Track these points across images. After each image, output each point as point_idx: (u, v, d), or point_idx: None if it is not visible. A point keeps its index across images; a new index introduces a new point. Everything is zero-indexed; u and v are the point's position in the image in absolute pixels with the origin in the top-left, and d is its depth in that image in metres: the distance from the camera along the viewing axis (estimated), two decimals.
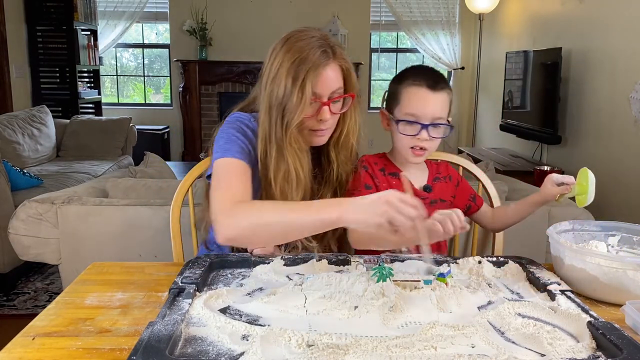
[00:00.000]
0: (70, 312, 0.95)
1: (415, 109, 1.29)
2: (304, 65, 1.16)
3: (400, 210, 0.91)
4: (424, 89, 1.28)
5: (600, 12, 3.45)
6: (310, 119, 1.21)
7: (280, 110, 1.18)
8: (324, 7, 5.74)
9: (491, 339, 0.84)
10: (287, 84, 1.16)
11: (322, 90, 1.19)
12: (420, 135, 1.29)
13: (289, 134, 1.19)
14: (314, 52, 1.17)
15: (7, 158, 3.37)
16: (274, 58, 1.20)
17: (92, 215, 1.83)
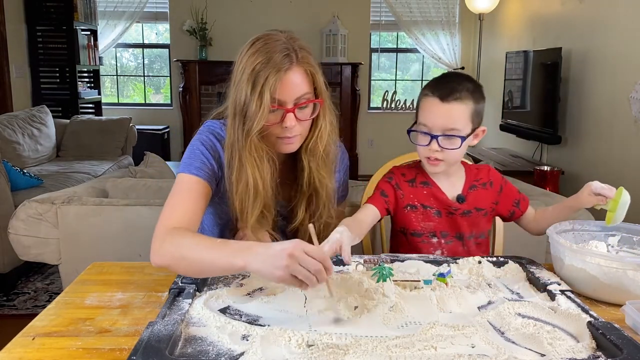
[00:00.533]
0: (70, 312, 0.95)
1: (427, 120, 1.29)
2: (264, 71, 1.12)
3: (303, 264, 0.87)
4: (436, 99, 1.28)
5: (600, 12, 3.45)
6: (274, 126, 1.17)
7: (242, 117, 1.15)
8: (324, 7, 5.73)
9: (491, 339, 0.84)
10: (247, 90, 1.13)
11: (284, 97, 1.14)
12: (431, 146, 1.29)
13: (249, 142, 1.16)
14: (277, 56, 1.13)
15: (7, 158, 3.37)
16: (239, 63, 1.17)
17: (92, 215, 1.83)
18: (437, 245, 1.37)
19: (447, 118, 1.27)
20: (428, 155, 1.31)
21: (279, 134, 1.18)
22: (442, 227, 1.35)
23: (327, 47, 5.63)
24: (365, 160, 5.90)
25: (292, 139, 1.20)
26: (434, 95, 1.28)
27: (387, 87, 6.17)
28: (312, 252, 0.88)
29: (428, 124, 1.29)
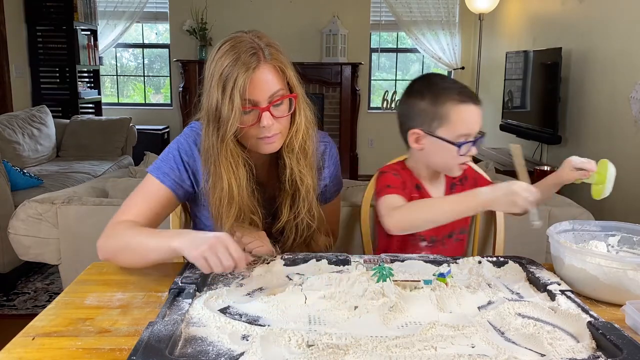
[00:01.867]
0: (70, 312, 0.95)
1: (470, 129, 1.28)
2: (232, 73, 1.11)
3: (218, 254, 0.98)
4: (472, 105, 1.27)
5: (600, 12, 3.45)
6: (253, 127, 1.16)
7: (216, 122, 1.14)
8: (324, 7, 5.73)
9: (491, 339, 0.84)
10: (217, 95, 1.12)
11: (257, 96, 1.13)
12: (472, 152, 1.30)
13: (224, 147, 1.15)
14: (244, 56, 1.11)
15: (7, 158, 3.37)
16: (208, 69, 1.16)
17: (92, 215, 1.83)
18: (425, 249, 1.39)
19: (481, 122, 1.29)
20: (464, 161, 1.32)
21: (258, 134, 1.17)
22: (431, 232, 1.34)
23: (327, 47, 5.63)
24: (365, 160, 5.90)
25: (272, 138, 1.18)
26: (469, 102, 1.27)
27: (387, 87, 6.17)
28: (232, 250, 0.99)
29: (471, 132, 1.28)
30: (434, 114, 1.28)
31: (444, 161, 1.33)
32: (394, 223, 1.22)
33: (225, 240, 1.00)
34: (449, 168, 1.35)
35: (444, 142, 1.28)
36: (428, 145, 1.32)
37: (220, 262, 0.99)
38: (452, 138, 1.27)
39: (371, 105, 6.11)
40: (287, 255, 1.19)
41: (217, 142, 1.15)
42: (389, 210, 1.24)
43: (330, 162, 1.38)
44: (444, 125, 1.28)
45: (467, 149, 1.29)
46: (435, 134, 1.29)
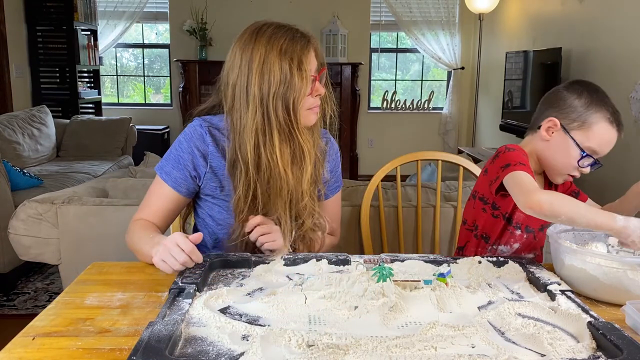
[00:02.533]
0: (70, 312, 0.95)
1: (602, 149, 1.30)
2: (294, 48, 1.19)
3: (172, 254, 1.05)
4: (617, 133, 1.31)
5: (600, 12, 3.45)
6: (308, 97, 1.23)
7: (280, 95, 1.18)
8: (324, 7, 5.73)
9: (491, 339, 0.84)
10: (283, 68, 1.17)
11: (312, 66, 1.22)
12: (585, 170, 1.31)
13: (297, 116, 1.21)
14: (293, 36, 1.21)
15: (7, 158, 3.37)
16: (252, 53, 1.20)
17: (92, 215, 1.83)
18: (519, 238, 1.40)
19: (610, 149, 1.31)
20: (574, 174, 1.34)
21: (311, 105, 1.24)
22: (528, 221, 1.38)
23: (327, 47, 5.62)
24: (365, 160, 5.90)
25: (318, 109, 1.27)
26: (615, 127, 1.30)
27: (387, 87, 6.17)
28: (182, 245, 1.05)
29: (600, 153, 1.30)
30: (579, 115, 1.30)
31: (560, 162, 1.34)
32: (537, 201, 1.14)
33: (175, 238, 1.06)
34: (557, 171, 1.35)
35: (574, 144, 1.30)
36: (555, 139, 1.33)
37: (175, 260, 1.05)
38: (581, 146, 1.30)
39: (371, 105, 6.11)
40: (287, 255, 1.19)
41: (284, 114, 1.19)
42: (530, 187, 1.20)
43: (331, 157, 1.40)
44: (582, 130, 1.30)
45: (585, 162, 1.31)
46: (569, 132, 1.31)
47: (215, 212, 1.33)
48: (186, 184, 1.28)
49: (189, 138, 1.28)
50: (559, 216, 1.12)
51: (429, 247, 1.93)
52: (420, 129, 6.02)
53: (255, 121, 1.20)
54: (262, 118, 1.20)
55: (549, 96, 1.38)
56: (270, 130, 1.20)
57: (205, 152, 1.27)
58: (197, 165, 1.27)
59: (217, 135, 1.28)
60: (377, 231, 1.88)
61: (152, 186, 1.31)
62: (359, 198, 1.92)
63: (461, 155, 1.88)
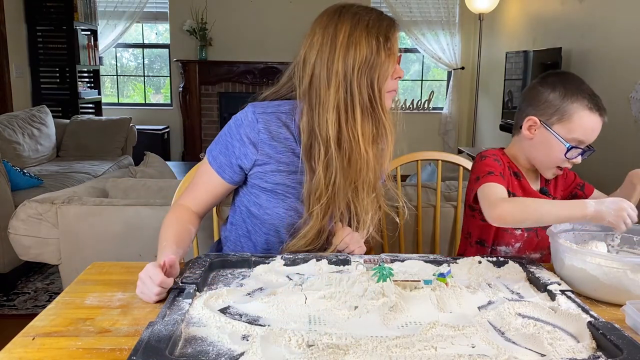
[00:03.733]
0: (70, 312, 0.95)
1: (586, 137, 1.28)
2: (381, 25, 1.16)
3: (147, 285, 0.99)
4: (599, 117, 1.28)
5: (600, 12, 3.45)
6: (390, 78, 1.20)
7: (365, 72, 1.15)
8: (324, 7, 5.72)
9: (491, 339, 0.84)
10: (370, 44, 1.14)
11: (397, 49, 1.20)
12: (576, 160, 1.30)
13: (382, 94, 1.18)
14: (379, 14, 1.19)
15: (7, 158, 3.37)
16: (336, 28, 1.16)
17: (92, 215, 1.83)
18: (519, 237, 1.39)
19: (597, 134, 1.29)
20: (565, 166, 1.32)
21: (391, 87, 1.21)
22: None
23: None
24: None
25: (395, 93, 1.24)
26: (596, 112, 1.27)
27: None
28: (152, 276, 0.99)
29: (585, 141, 1.29)
30: (557, 109, 1.29)
31: (546, 157, 1.33)
32: (499, 214, 1.17)
33: (147, 271, 1.01)
34: (546, 166, 1.35)
35: (556, 138, 1.29)
36: (538, 136, 1.33)
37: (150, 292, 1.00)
38: (565, 139, 1.29)
39: None
40: (287, 255, 1.19)
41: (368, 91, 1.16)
42: (493, 199, 1.22)
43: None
44: (563, 123, 1.29)
45: (574, 154, 1.29)
46: (551, 128, 1.30)
47: (262, 200, 1.27)
48: (230, 170, 1.25)
49: (239, 124, 1.24)
50: (524, 222, 1.15)
51: (429, 247, 1.93)
52: (420, 129, 6.02)
53: (337, 98, 1.16)
54: (344, 94, 1.16)
55: (526, 94, 1.38)
56: (352, 107, 1.16)
57: (256, 140, 1.22)
58: (245, 153, 1.23)
59: (272, 122, 1.23)
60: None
61: (201, 166, 1.31)
62: None
63: (461, 155, 1.88)
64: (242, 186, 1.32)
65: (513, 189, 1.36)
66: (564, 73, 1.38)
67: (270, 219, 1.27)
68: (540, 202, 1.19)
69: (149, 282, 0.99)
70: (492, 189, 1.25)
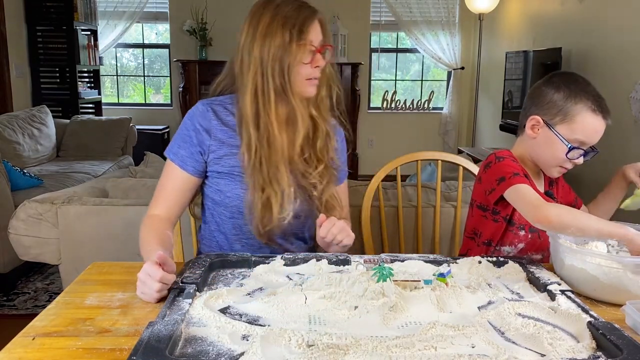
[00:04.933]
0: (70, 312, 0.95)
1: (589, 138, 1.28)
2: (299, 16, 1.25)
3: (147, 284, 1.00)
4: (602, 119, 1.28)
5: (600, 12, 3.45)
6: (306, 65, 1.27)
7: (277, 60, 1.24)
8: (324, 7, 5.64)
9: (491, 339, 0.84)
10: (284, 34, 1.23)
11: (314, 38, 1.27)
12: (578, 160, 1.30)
13: (292, 80, 1.25)
14: (299, 6, 1.27)
15: (7, 158, 3.37)
16: (259, 20, 1.26)
17: (92, 215, 1.83)
18: (523, 238, 1.39)
19: (600, 136, 1.30)
20: (567, 166, 1.32)
21: (308, 75, 1.28)
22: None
23: None
24: (365, 160, 5.90)
25: (316, 81, 1.30)
26: (599, 114, 1.27)
27: (387, 87, 6.17)
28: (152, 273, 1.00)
29: (588, 142, 1.29)
30: (560, 109, 1.29)
31: (549, 157, 1.33)
32: (546, 215, 1.14)
33: (146, 269, 1.01)
34: (549, 166, 1.35)
35: (558, 138, 1.29)
36: (542, 136, 1.33)
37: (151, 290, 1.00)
38: (567, 139, 1.29)
39: (371, 105, 6.11)
40: (287, 255, 1.19)
41: (280, 77, 1.25)
42: (535, 200, 1.20)
43: (339, 139, 1.48)
44: (566, 123, 1.29)
45: (575, 154, 1.30)
46: (553, 128, 1.30)
47: (221, 185, 1.34)
48: (192, 160, 1.32)
49: (192, 116, 1.34)
50: (568, 228, 1.12)
51: (429, 247, 1.93)
52: (420, 129, 6.02)
53: (255, 81, 1.26)
54: (261, 78, 1.26)
55: (530, 94, 1.39)
56: (267, 91, 1.26)
57: (208, 127, 1.32)
58: (201, 141, 1.32)
59: (220, 111, 1.34)
60: (377, 231, 1.88)
61: (163, 169, 1.35)
62: (359, 198, 1.92)
63: (461, 155, 1.88)
64: (204, 181, 1.38)
65: None
66: (569, 74, 1.38)
67: (231, 201, 1.33)
68: (584, 214, 1.18)
69: (148, 280, 1.00)
70: (526, 190, 1.24)
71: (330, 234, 1.23)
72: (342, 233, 1.24)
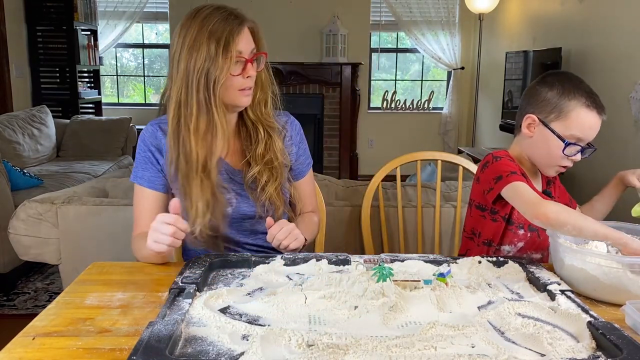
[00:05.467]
0: (70, 312, 0.95)
1: (584, 134, 1.28)
2: (224, 28, 1.22)
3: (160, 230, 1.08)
4: (596, 115, 1.28)
5: (600, 12, 3.45)
6: (236, 77, 1.26)
7: (204, 74, 1.22)
8: (324, 7, 5.73)
9: (491, 339, 0.84)
10: (209, 46, 1.21)
11: (243, 48, 1.25)
12: (576, 157, 1.30)
13: (217, 94, 1.23)
14: (226, 17, 1.24)
15: (7, 158, 3.37)
16: (186, 32, 1.24)
17: (92, 215, 1.83)
18: (522, 237, 1.39)
19: (596, 133, 1.30)
20: (566, 165, 1.32)
21: (240, 85, 1.27)
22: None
23: (327, 47, 5.62)
24: (365, 160, 5.90)
25: (250, 91, 1.30)
26: (594, 110, 1.28)
27: (387, 87, 6.17)
28: (165, 218, 1.09)
29: (584, 138, 1.29)
30: (555, 106, 1.30)
31: (546, 155, 1.34)
32: (544, 212, 1.15)
33: (158, 217, 1.10)
34: (546, 164, 1.35)
35: (554, 135, 1.29)
36: (538, 134, 1.34)
37: (165, 235, 1.08)
38: (563, 136, 1.29)
39: (371, 105, 6.11)
40: (287, 255, 1.19)
41: (205, 91, 1.23)
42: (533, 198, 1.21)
43: (294, 133, 1.45)
44: (561, 120, 1.30)
45: (572, 151, 1.29)
46: (548, 125, 1.31)
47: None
48: (158, 179, 1.34)
49: (143, 139, 1.35)
50: (565, 226, 1.13)
51: (429, 247, 1.93)
52: (420, 129, 6.02)
53: (179, 93, 1.25)
54: (185, 90, 1.25)
55: (525, 94, 1.39)
56: (190, 104, 1.25)
57: (159, 146, 1.33)
58: (157, 159, 1.34)
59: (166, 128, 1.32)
60: (377, 231, 1.88)
61: (134, 196, 1.35)
62: (359, 198, 1.92)
63: (461, 155, 1.89)
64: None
65: None
66: (563, 72, 1.39)
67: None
68: (581, 214, 1.18)
69: (162, 226, 1.05)
70: (524, 188, 1.24)
71: (275, 239, 1.24)
72: (289, 238, 1.25)
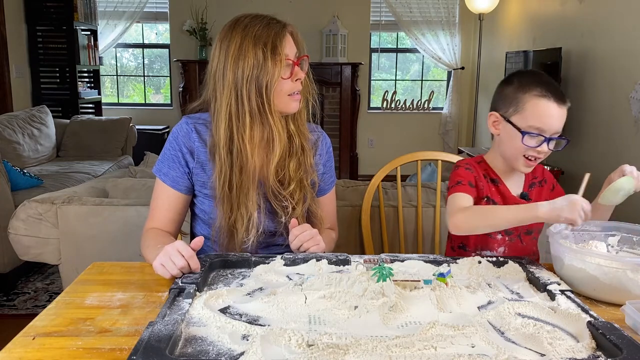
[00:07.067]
0: (70, 312, 0.95)
1: (543, 124, 1.28)
2: (269, 33, 1.22)
3: (171, 258, 1.06)
4: (553, 103, 1.28)
5: (600, 12, 3.45)
6: (286, 81, 1.25)
7: (253, 82, 1.22)
8: (324, 7, 5.73)
9: (491, 339, 0.84)
10: (256, 52, 1.21)
11: (289, 51, 1.25)
12: (541, 148, 1.30)
13: (270, 100, 1.23)
14: (268, 22, 1.25)
15: (7, 158, 3.37)
16: (229, 43, 1.24)
17: (92, 215, 1.83)
18: (501, 242, 1.39)
19: (561, 122, 1.30)
20: (531, 156, 1.32)
21: (290, 89, 1.26)
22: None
23: (327, 47, 5.62)
24: (365, 160, 5.90)
25: (299, 95, 1.29)
26: (551, 99, 1.28)
27: (387, 87, 6.17)
28: (182, 250, 1.06)
29: (543, 127, 1.29)
30: (512, 100, 1.31)
31: (511, 150, 1.33)
32: (454, 222, 1.24)
33: (176, 244, 1.08)
34: (514, 159, 1.35)
35: (513, 128, 1.30)
36: (502, 131, 1.35)
37: (174, 264, 1.05)
38: (522, 129, 1.29)
39: (371, 105, 6.11)
40: (287, 255, 1.19)
41: (257, 99, 1.22)
42: (452, 209, 1.27)
43: (323, 151, 1.43)
44: (519, 113, 1.30)
45: (532, 142, 1.29)
46: (509, 120, 1.31)
47: (205, 206, 1.35)
48: (183, 181, 1.32)
49: (176, 137, 1.32)
50: (477, 228, 1.20)
51: (429, 247, 1.93)
52: (420, 129, 6.02)
53: (229, 105, 1.24)
54: (235, 102, 1.24)
55: (493, 96, 1.40)
56: (242, 114, 1.24)
57: (192, 148, 1.31)
58: (187, 162, 1.31)
59: (203, 131, 1.31)
60: (377, 231, 1.88)
61: (155, 188, 1.34)
62: (359, 198, 1.92)
63: (461, 155, 1.88)
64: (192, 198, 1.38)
65: (492, 196, 1.36)
66: (526, 70, 1.41)
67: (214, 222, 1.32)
68: (494, 209, 1.24)
69: (176, 255, 1.04)
70: (455, 199, 1.29)
71: (297, 239, 1.24)
72: (311, 241, 1.24)
